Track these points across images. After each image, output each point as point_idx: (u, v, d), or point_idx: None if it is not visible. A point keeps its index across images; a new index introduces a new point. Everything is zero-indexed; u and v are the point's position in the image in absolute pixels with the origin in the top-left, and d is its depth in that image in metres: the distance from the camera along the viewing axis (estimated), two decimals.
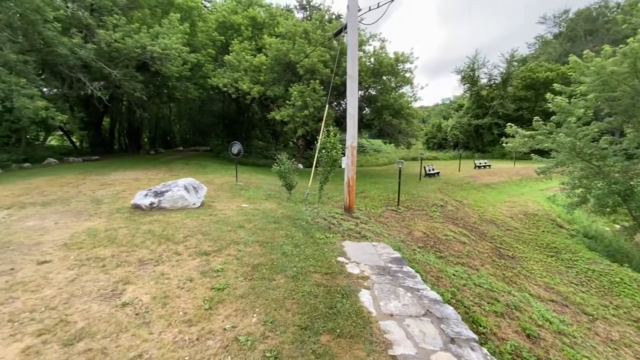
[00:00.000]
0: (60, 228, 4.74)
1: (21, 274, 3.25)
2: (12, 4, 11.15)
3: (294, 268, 3.76)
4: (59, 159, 15.60)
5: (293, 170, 8.57)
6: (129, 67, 14.57)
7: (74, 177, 9.86)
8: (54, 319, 2.52)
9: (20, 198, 6.85)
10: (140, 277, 3.27)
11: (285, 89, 17.18)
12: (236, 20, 20.63)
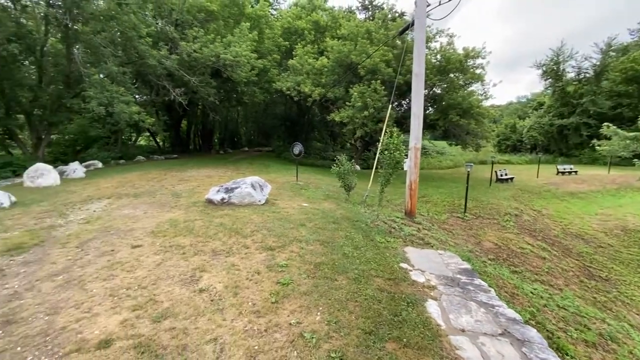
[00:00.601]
0: (148, 217, 5.39)
1: (119, 255, 3.76)
2: (115, 24, 13.04)
3: (355, 270, 3.72)
4: (146, 157, 17.83)
5: (352, 172, 8.53)
6: (205, 75, 16.00)
7: (158, 173, 11.15)
8: (145, 297, 2.85)
9: (117, 190, 7.97)
10: (214, 266, 3.54)
11: (345, 90, 17.23)
12: (300, 25, 21.34)
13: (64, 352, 2.15)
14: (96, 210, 5.87)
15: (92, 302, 2.76)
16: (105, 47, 12.52)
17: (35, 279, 3.18)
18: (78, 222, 5.13)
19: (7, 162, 11.92)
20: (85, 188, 8.16)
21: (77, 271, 3.33)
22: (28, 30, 12.52)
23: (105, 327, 2.42)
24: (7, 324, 2.46)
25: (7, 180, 10.01)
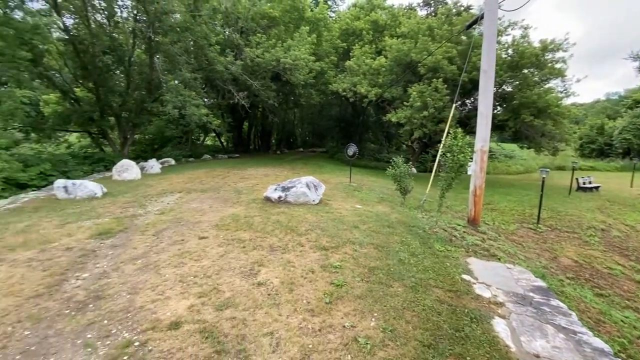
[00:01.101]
0: (213, 211, 5.80)
1: (188, 245, 4.10)
2: (189, 34, 14.35)
3: (412, 278, 3.54)
4: (212, 156, 19.31)
5: (408, 174, 8.20)
6: (266, 78, 16.80)
7: (222, 171, 11.99)
8: (209, 286, 3.06)
9: (187, 185, 8.74)
10: (271, 262, 3.66)
11: (403, 90, 16.67)
12: (358, 26, 21.23)
13: (141, 329, 2.40)
14: (169, 203, 6.50)
15: (164, 286, 3.04)
16: (180, 56, 13.85)
17: (120, 261, 3.61)
18: (154, 212, 5.74)
19: (100, 157, 13.87)
20: (160, 182, 9.11)
21: (153, 257, 3.71)
22: (119, 44, 14.43)
23: (175, 310, 2.65)
24: (98, 299, 2.83)
25: (100, 174, 11.63)
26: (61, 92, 14.49)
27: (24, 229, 4.73)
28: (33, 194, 7.87)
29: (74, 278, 3.20)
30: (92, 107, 14.40)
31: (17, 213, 5.78)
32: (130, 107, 14.84)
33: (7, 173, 8.52)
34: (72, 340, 2.27)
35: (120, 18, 14.50)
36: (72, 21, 13.59)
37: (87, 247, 4.01)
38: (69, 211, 5.75)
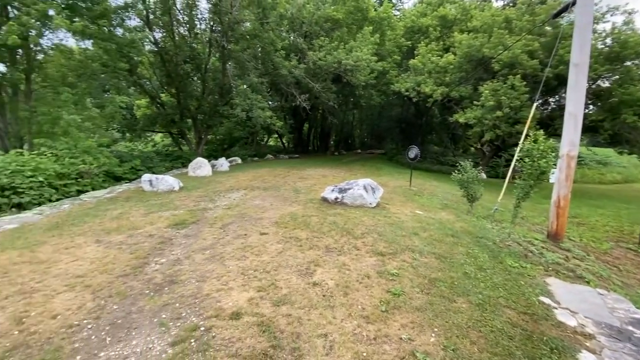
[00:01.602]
0: (273, 209, 6.05)
1: (250, 239, 4.33)
2: (257, 41, 15.24)
3: (479, 294, 3.23)
4: (274, 156, 20.25)
5: (477, 180, 7.55)
6: (326, 81, 17.03)
7: (283, 170, 12.47)
8: (268, 281, 3.18)
9: (251, 183, 9.27)
10: (327, 263, 3.67)
11: (473, 89, 15.46)
12: (424, 22, 20.30)
13: (206, 315, 2.58)
14: (235, 199, 6.97)
15: (228, 277, 3.25)
16: (249, 62, 14.80)
17: (191, 250, 3.96)
18: (222, 207, 6.19)
19: (179, 155, 15.51)
20: (228, 179, 9.82)
21: (220, 249, 3.99)
22: (197, 53, 15.95)
23: (237, 301, 2.80)
24: (172, 283, 3.14)
25: (178, 170, 12.98)
26: (150, 97, 16.57)
27: (117, 215, 5.50)
28: (125, 185, 9.12)
29: (153, 262, 3.60)
30: (173, 111, 16.18)
31: (113, 202, 6.74)
32: (205, 110, 16.31)
33: (107, 167, 10.01)
34: (150, 318, 2.54)
35: (199, 29, 16.06)
36: (160, 35, 15.45)
37: (165, 235, 4.49)
38: (152, 202, 6.52)
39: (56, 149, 9.29)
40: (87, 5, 10.12)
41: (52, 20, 8.81)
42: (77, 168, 8.75)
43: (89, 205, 6.42)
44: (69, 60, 11.66)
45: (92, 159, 9.46)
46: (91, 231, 4.63)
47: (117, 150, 14.20)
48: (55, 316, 2.52)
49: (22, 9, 8.65)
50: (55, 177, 7.97)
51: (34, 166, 7.61)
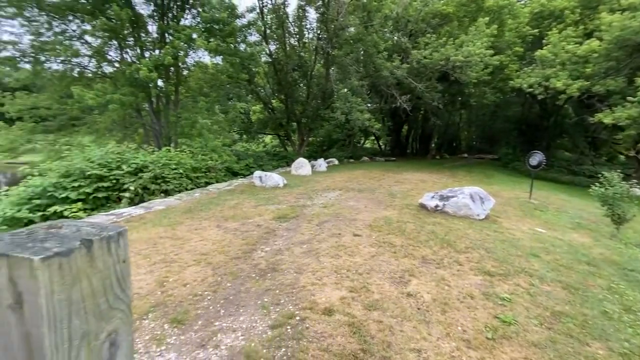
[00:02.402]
0: (367, 211, 6.03)
1: (344, 239, 4.41)
2: (360, 45, 15.44)
3: (624, 342, 2.53)
4: (370, 158, 20.21)
5: (628, 196, 5.94)
6: (431, 79, 16.05)
7: (378, 173, 12.33)
8: (359, 283, 3.18)
9: (346, 184, 9.46)
10: (423, 274, 3.45)
11: (627, 81, 12.24)
12: (558, 5, 17.09)
13: (302, 306, 2.74)
14: (331, 199, 7.22)
15: (322, 272, 3.38)
16: (351, 66, 15.15)
17: (291, 242, 4.28)
18: (319, 205, 6.50)
19: (284, 155, 16.98)
20: (325, 179, 10.26)
21: (315, 245, 4.19)
22: (305, 61, 17.15)
23: (329, 297, 2.89)
24: (273, 271, 3.44)
25: (283, 168, 14.22)
26: (263, 103, 18.66)
27: (234, 205, 6.36)
28: (241, 180, 10.48)
29: (260, 250, 4.03)
30: (282, 115, 17.83)
31: (231, 193, 7.83)
32: (308, 114, 17.43)
33: (228, 164, 11.70)
34: (254, 300, 2.85)
35: (307, 39, 17.26)
36: (274, 47, 17.22)
37: (270, 226, 4.97)
38: (261, 196, 7.31)
39: (192, 147, 11.35)
40: (219, 27, 12.05)
41: (195, 42, 10.79)
42: (206, 163, 10.50)
43: (213, 195, 7.62)
44: (205, 74, 14.11)
45: (218, 157, 11.20)
46: (214, 217, 5.49)
47: (236, 149, 16.48)
48: (186, 284, 3.07)
49: (174, 34, 10.86)
50: (191, 170, 9.74)
51: (177, 161, 9.46)
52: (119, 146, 9.66)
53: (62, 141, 11.97)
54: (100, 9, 10.66)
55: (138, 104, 12.29)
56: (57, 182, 6.97)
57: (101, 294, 0.69)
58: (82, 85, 11.83)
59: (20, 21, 10.84)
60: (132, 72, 9.93)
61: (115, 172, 7.62)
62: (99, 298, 0.68)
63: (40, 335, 0.58)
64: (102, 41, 11.50)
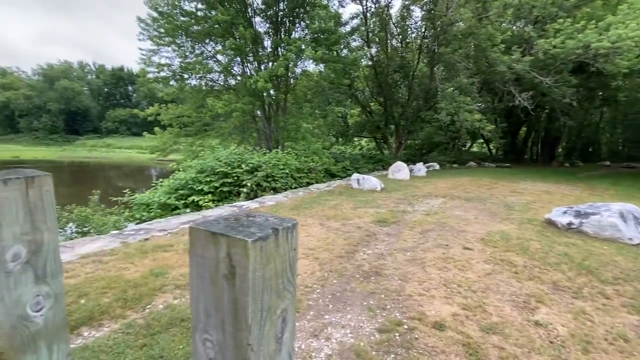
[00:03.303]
0: (478, 223, 5.46)
1: (452, 251, 4.09)
2: (472, 39, 14.08)
3: None
4: (477, 163, 18.24)
5: None
6: (562, 72, 13.52)
7: (489, 181, 11.02)
8: (474, 301, 2.90)
9: (450, 191, 8.76)
10: (555, 303, 2.92)
11: None
12: None
13: (409, 315, 2.66)
14: (434, 206, 6.80)
15: (429, 284, 3.21)
16: (459, 63, 13.97)
17: (393, 248, 4.20)
18: (421, 212, 6.20)
19: (380, 158, 16.81)
20: (426, 185, 9.73)
21: (420, 253, 4.01)
22: (407, 61, 16.62)
23: (439, 311, 2.72)
24: (377, 274, 3.44)
25: (379, 172, 14.08)
26: (361, 106, 18.86)
27: (334, 206, 6.62)
28: (338, 182, 10.83)
29: (361, 251, 4.08)
30: (380, 118, 17.71)
31: (330, 194, 8.17)
32: (408, 116, 16.84)
33: (327, 165, 12.25)
34: (360, 300, 2.90)
35: (410, 38, 16.68)
36: (374, 50, 17.22)
37: (370, 229, 4.99)
38: (359, 198, 7.40)
39: (296, 150, 12.29)
40: (325, 36, 12.73)
41: (304, 52, 11.66)
42: (308, 165, 11.23)
43: (314, 195, 8.09)
44: (309, 82, 15.10)
45: (318, 159, 11.85)
46: (317, 215, 5.82)
47: (333, 152, 17.12)
48: (297, 275, 3.33)
49: (286, 47, 11.95)
50: (295, 171, 10.55)
51: (284, 162, 10.39)
52: (239, 148, 11.20)
53: (197, 143, 14.54)
54: (229, 32, 12.56)
55: (253, 112, 13.99)
56: (195, 177, 8.49)
57: (280, 276, 0.81)
58: (213, 96, 14.16)
59: (173, 47, 13.63)
60: (252, 83, 11.36)
61: (237, 170, 8.84)
62: (279, 279, 0.81)
63: (245, 303, 0.72)
64: (228, 58, 13.53)
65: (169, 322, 2.40)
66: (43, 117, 54.96)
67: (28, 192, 1.44)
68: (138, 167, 36.01)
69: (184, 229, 4.93)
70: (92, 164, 35.42)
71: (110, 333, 2.28)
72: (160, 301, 2.74)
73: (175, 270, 3.34)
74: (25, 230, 1.44)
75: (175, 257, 3.73)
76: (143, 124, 49.42)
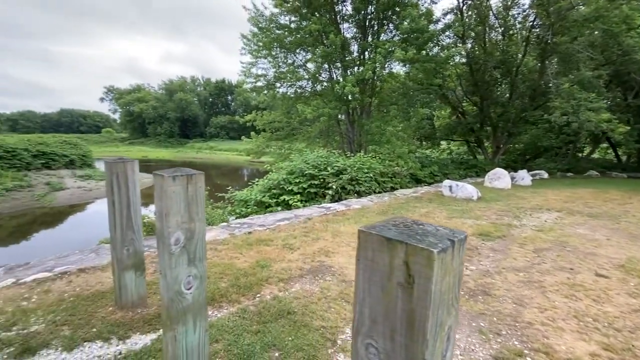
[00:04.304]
0: (612, 245, 4.47)
1: (580, 277, 3.43)
2: (599, 24, 11.75)
3: None
4: (600, 172, 15.12)
5: None
6: None
7: (619, 194, 9.02)
8: (619, 341, 2.36)
9: (566, 204, 7.43)
10: None
11: None
12: None
13: (532, 347, 2.30)
14: (547, 221, 5.85)
15: (554, 312, 2.73)
16: (579, 53, 11.82)
17: (501, 266, 3.73)
18: (530, 227, 5.40)
19: (473, 164, 15.32)
20: (533, 196, 8.47)
21: (536, 275, 3.47)
22: (510, 56, 14.80)
23: (572, 347, 2.29)
24: (485, 294, 3.09)
25: (472, 179, 12.83)
26: (452, 107, 17.52)
27: (425, 214, 6.26)
28: (425, 188, 10.23)
29: (464, 266, 3.73)
30: (474, 119, 16.17)
31: (418, 201, 7.76)
32: (509, 117, 14.98)
33: (413, 170, 11.71)
34: (468, 320, 2.64)
35: (514, 29, 14.81)
36: (469, 45, 15.79)
37: (470, 243, 4.54)
38: (453, 207, 6.84)
39: (381, 153, 12.07)
40: (415, 36, 12.22)
41: (393, 54, 11.40)
42: (392, 169, 10.91)
43: (400, 201, 7.80)
44: (396, 83, 14.69)
45: (404, 163, 11.41)
46: None
47: (418, 156, 16.27)
48: None
49: (375, 49, 11.85)
50: (379, 175, 10.36)
51: (369, 165, 10.29)
52: (324, 151, 11.56)
53: (286, 146, 15.53)
54: (319, 40, 13.09)
55: (337, 116, 14.28)
56: (286, 178, 9.05)
57: (451, 290, 0.75)
58: (301, 102, 14.94)
59: (268, 59, 14.84)
60: (339, 88, 11.60)
61: (323, 173, 9.12)
62: (450, 293, 0.75)
63: (424, 315, 0.69)
64: (316, 66, 14.11)
65: (278, 313, 2.57)
66: (164, 124, 66.17)
67: (188, 188, 1.69)
68: (234, 167, 40.35)
69: (280, 225, 5.28)
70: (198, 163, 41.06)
71: (229, 315, 2.55)
72: (268, 292, 2.95)
73: (277, 264, 3.58)
74: (185, 219, 1.70)
75: (275, 251, 4.00)
76: (239, 128, 55.31)
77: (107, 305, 2.63)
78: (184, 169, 1.71)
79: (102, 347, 2.14)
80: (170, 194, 1.61)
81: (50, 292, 2.85)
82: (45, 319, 2.42)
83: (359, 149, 14.20)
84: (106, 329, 2.30)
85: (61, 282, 3.06)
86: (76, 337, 2.19)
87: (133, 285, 2.56)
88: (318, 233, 4.83)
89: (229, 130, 66.67)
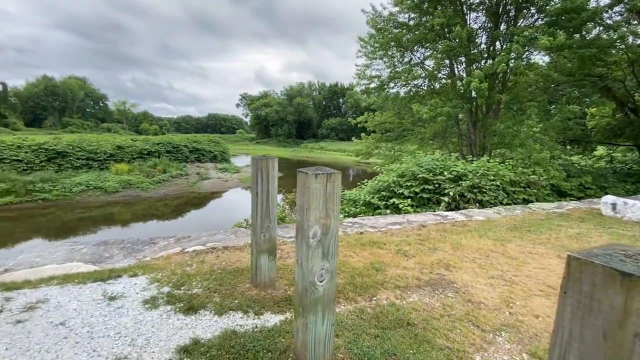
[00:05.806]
0: None
1: None
2: None
3: None
4: None
5: None
6: None
7: None
8: None
9: None
10: None
11: None
12: None
13: None
14: None
15: None
16: None
17: None
18: None
19: None
20: None
21: None
22: None
23: None
24: None
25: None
26: (618, 103, 13.69)
27: (575, 235, 5.05)
28: (573, 203, 8.29)
29: None
30: None
31: (565, 219, 6.33)
32: None
33: (555, 181, 9.66)
34: None
35: None
36: None
37: None
38: (619, 231, 5.32)
39: (511, 158, 10.40)
40: (569, 17, 9.99)
41: (536, 41, 9.63)
42: (527, 178, 9.25)
43: (538, 216, 6.52)
44: (536, 76, 12.40)
45: (543, 171, 9.54)
46: (550, 243, 4.61)
47: (563, 164, 13.31)
48: (537, 316, 2.68)
49: (513, 38, 10.24)
50: (509, 184, 8.94)
51: (495, 172, 9.01)
52: (440, 154, 10.71)
53: (396, 148, 15.08)
54: (441, 35, 12.18)
55: (457, 115, 13.00)
56: (396, 180, 8.78)
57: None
58: (416, 102, 14.24)
59: (384, 60, 14.67)
60: (463, 85, 10.53)
61: (438, 177, 8.46)
62: None
63: None
64: (436, 62, 13.17)
65: (396, 321, 2.46)
66: (284, 126, 73.96)
67: (327, 186, 1.75)
68: (341, 166, 41.85)
69: (392, 229, 5.13)
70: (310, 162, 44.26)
71: (347, 313, 2.59)
72: (384, 296, 2.88)
73: (391, 270, 3.46)
74: (322, 215, 1.77)
75: (389, 255, 3.89)
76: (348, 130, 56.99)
77: (244, 281, 3.04)
78: (324, 168, 1.79)
79: (242, 317, 2.47)
80: (312, 190, 1.70)
81: (204, 263, 3.48)
82: (202, 284, 2.96)
83: (482, 152, 12.61)
84: (245, 303, 2.65)
85: (212, 255, 3.71)
86: (224, 305, 2.60)
87: (266, 267, 2.88)
88: (435, 243, 4.48)
89: (338, 131, 69.66)
